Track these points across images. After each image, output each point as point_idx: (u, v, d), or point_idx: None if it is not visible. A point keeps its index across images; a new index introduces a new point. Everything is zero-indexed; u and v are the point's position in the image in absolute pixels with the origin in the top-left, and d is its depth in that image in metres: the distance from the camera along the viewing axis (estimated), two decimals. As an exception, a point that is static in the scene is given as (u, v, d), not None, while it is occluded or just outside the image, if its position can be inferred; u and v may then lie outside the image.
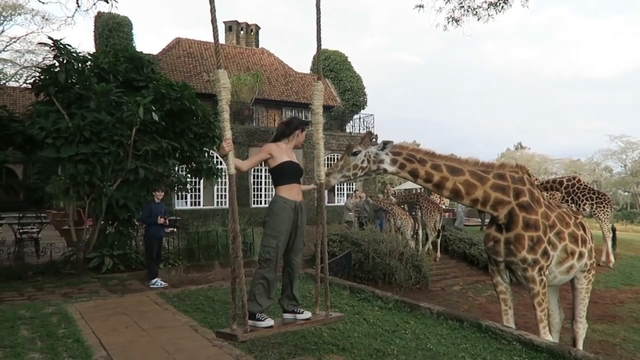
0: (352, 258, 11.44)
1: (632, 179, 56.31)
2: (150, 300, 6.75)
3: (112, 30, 21.49)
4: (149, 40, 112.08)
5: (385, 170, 5.02)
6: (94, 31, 22.77)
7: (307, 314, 4.06)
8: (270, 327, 3.75)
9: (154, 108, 8.71)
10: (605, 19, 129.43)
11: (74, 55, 8.85)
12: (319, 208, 4.28)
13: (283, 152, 4.01)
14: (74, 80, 8.86)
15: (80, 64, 8.94)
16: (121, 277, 8.60)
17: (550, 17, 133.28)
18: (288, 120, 4.23)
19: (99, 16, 22.06)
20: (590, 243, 5.96)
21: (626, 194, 61.12)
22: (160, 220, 8.26)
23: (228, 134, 3.46)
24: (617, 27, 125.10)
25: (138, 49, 19.84)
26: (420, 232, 15.53)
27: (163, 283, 8.17)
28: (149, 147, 8.80)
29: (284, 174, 3.98)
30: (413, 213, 15.41)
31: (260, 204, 21.41)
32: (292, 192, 3.99)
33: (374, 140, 5.13)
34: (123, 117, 8.38)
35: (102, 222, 9.46)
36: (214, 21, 3.38)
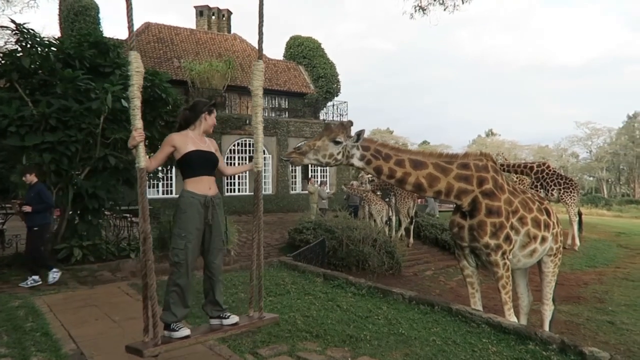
0: (326, 245, 11.51)
1: (597, 164, 58.19)
2: (121, 291, 6.65)
3: (78, 14, 20.81)
4: (116, 25, 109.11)
5: (352, 165, 4.99)
6: (59, 15, 22.02)
7: (234, 319, 3.70)
8: (186, 337, 3.41)
9: (124, 95, 8.49)
10: (574, 7, 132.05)
11: (38, 39, 8.54)
12: (256, 199, 3.86)
13: (188, 141, 3.58)
14: (37, 66, 8.56)
15: (44, 49, 8.64)
16: (91, 268, 8.44)
17: (521, 5, 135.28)
18: (192, 104, 3.80)
19: (64, -1, 21.35)
20: (556, 228, 6.10)
21: (591, 179, 63.15)
22: (27, 208, 7.32)
23: (139, 123, 3.12)
24: (587, 15, 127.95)
25: (105, 33, 19.30)
26: (393, 218, 15.72)
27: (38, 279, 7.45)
28: (118, 135, 8.60)
29: (190, 165, 3.56)
30: (387, 199, 15.59)
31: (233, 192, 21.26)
32: (201, 186, 3.57)
33: (350, 126, 5.02)
34: (92, 106, 8.15)
35: (71, 213, 9.24)
36: None
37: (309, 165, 21.53)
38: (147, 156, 3.25)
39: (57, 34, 21.84)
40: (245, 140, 21.59)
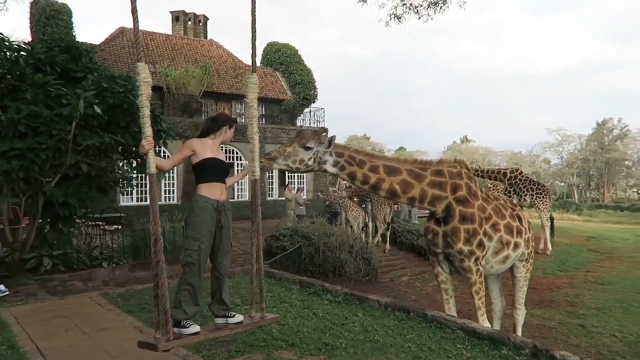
0: (303, 252, 11.48)
1: (568, 170, 59.57)
2: (92, 302, 6.51)
3: (50, 19, 20.34)
4: (90, 30, 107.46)
5: (325, 171, 5.02)
6: (30, 19, 21.52)
7: (239, 318, 3.87)
8: (196, 334, 3.55)
9: (96, 101, 8.34)
10: (548, 17, 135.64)
11: (7, 44, 8.34)
12: (254, 205, 3.99)
13: (207, 149, 3.81)
14: (6, 71, 8.35)
15: (14, 54, 8.44)
16: (62, 279, 8.23)
17: (495, 15, 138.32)
18: (215, 116, 4.07)
19: (35, 3, 20.88)
20: (528, 234, 6.22)
21: (563, 184, 64.59)
22: None
23: (149, 131, 3.25)
24: (560, 25, 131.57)
25: (79, 39, 18.96)
26: (370, 224, 15.80)
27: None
28: (90, 141, 8.43)
29: (206, 171, 3.77)
30: (364, 206, 15.66)
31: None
32: (214, 191, 3.78)
33: (325, 135, 5.05)
34: (63, 112, 7.98)
35: (41, 221, 9.01)
36: (134, 11, 3.24)
37: (287, 172, 21.47)
38: (159, 159, 3.45)
39: (28, 38, 21.37)
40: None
